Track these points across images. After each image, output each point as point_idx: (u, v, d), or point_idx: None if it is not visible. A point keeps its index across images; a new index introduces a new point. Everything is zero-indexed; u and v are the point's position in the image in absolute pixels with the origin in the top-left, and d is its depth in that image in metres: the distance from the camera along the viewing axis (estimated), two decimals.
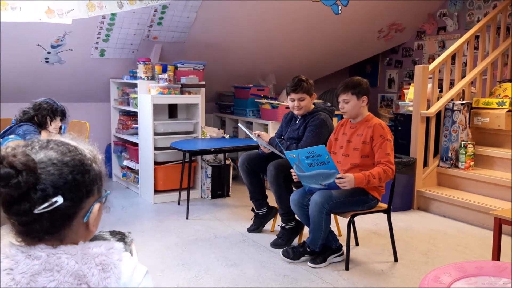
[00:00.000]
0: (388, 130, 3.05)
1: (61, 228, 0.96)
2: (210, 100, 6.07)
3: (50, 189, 0.92)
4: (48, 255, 0.93)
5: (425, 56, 6.28)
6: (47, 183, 0.92)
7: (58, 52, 4.64)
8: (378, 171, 2.90)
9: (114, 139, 5.45)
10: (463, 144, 4.47)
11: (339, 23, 5.51)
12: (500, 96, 4.76)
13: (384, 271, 3.09)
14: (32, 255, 0.92)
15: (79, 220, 0.98)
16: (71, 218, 0.97)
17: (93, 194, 1.00)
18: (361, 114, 3.12)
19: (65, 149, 0.97)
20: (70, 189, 0.94)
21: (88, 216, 0.99)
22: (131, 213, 4.31)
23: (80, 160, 0.97)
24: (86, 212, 0.99)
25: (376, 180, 2.90)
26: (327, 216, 2.97)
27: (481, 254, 3.39)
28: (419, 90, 4.49)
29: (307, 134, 3.43)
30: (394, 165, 2.98)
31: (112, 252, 0.98)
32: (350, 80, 3.16)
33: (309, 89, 3.47)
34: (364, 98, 3.09)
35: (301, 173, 2.99)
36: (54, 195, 0.92)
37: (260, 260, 3.23)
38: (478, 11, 5.64)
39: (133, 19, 4.61)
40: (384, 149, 2.97)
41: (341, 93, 3.11)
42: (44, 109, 3.29)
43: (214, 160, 4.91)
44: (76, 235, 0.99)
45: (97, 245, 0.98)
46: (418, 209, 4.49)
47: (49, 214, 0.92)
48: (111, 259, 0.96)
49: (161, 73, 4.71)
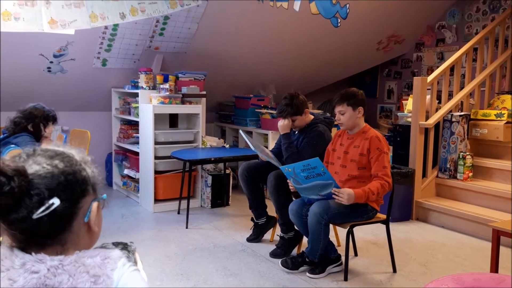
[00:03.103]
0: (385, 142, 3.07)
1: (62, 231, 0.96)
2: (211, 110, 6.11)
3: (45, 192, 0.92)
4: (49, 269, 0.92)
5: (424, 67, 6.33)
6: (41, 187, 0.92)
7: (60, 62, 4.68)
8: (376, 186, 2.92)
9: (115, 148, 5.47)
10: (462, 155, 4.49)
11: (338, 35, 5.57)
12: (498, 107, 4.79)
13: (383, 282, 3.10)
14: (30, 268, 0.92)
15: (79, 221, 0.98)
16: (71, 219, 0.96)
17: (88, 193, 0.99)
18: (358, 125, 3.14)
19: (52, 153, 0.98)
20: (64, 189, 0.94)
21: (88, 216, 0.99)
22: (131, 222, 4.32)
23: (69, 161, 0.98)
24: (86, 212, 0.99)
25: (375, 196, 2.94)
26: (326, 227, 2.98)
27: (479, 265, 3.40)
28: (418, 101, 4.52)
29: (303, 146, 3.44)
30: (391, 178, 3.00)
31: (107, 262, 0.97)
32: (346, 92, 3.17)
33: (297, 110, 3.44)
34: (360, 109, 3.10)
35: (298, 185, 3.01)
36: (49, 198, 0.92)
37: (259, 270, 3.24)
38: (476, 23, 5.69)
39: (135, 30, 4.65)
40: (381, 162, 2.98)
41: (336, 105, 3.13)
42: (36, 117, 3.25)
43: (214, 170, 4.93)
44: (78, 238, 0.99)
45: (92, 254, 0.97)
46: (416, 219, 4.50)
47: (48, 218, 0.92)
48: (104, 270, 0.96)
49: (162, 83, 4.75)
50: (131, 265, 1.02)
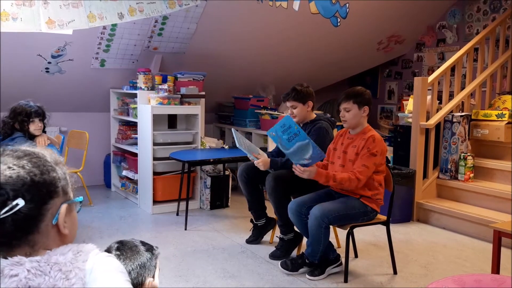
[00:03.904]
0: (381, 144, 2.99)
1: (28, 232, 0.94)
2: (210, 111, 6.09)
3: (9, 193, 0.91)
4: (29, 270, 0.90)
5: (425, 68, 6.30)
6: (6, 187, 0.91)
7: (58, 62, 4.66)
8: (342, 177, 2.92)
9: (113, 149, 5.45)
10: (463, 156, 4.46)
11: (338, 35, 5.54)
12: (499, 108, 4.76)
13: (383, 284, 3.07)
14: (8, 273, 0.90)
15: (47, 223, 0.96)
16: (38, 221, 0.95)
17: (57, 195, 0.98)
18: (361, 124, 3.11)
19: (21, 154, 0.97)
20: (29, 190, 0.92)
21: (56, 218, 0.97)
22: (129, 224, 4.29)
23: (37, 161, 0.96)
24: (54, 214, 0.97)
25: (336, 184, 2.95)
26: (326, 230, 2.96)
27: (480, 267, 3.37)
28: (419, 102, 4.50)
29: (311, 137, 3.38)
30: (365, 178, 2.94)
31: (79, 255, 0.96)
32: (353, 89, 3.15)
33: (302, 97, 3.43)
34: (365, 108, 3.08)
35: (286, 151, 2.96)
36: (14, 198, 0.91)
37: (258, 272, 3.21)
38: (477, 23, 5.67)
39: (134, 30, 4.63)
40: (363, 160, 2.95)
41: (342, 101, 3.10)
42: (18, 114, 3.23)
43: (213, 171, 4.91)
44: (48, 240, 0.97)
45: (64, 251, 0.96)
46: (417, 221, 4.47)
47: (12, 218, 0.91)
48: (75, 264, 0.94)
49: (161, 84, 4.72)
50: (106, 253, 1.01)
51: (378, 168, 3.03)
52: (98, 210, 4.66)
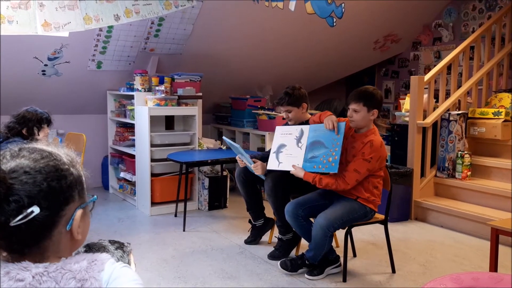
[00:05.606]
0: (378, 150, 2.93)
1: (41, 240, 0.91)
2: (207, 111, 6.08)
3: (24, 200, 0.86)
4: (34, 276, 0.88)
5: (421, 66, 6.31)
6: (21, 193, 0.87)
7: (55, 65, 4.65)
8: (327, 182, 2.94)
9: (111, 151, 5.44)
10: (460, 154, 4.47)
11: (334, 35, 5.55)
12: (496, 106, 4.77)
13: (382, 283, 3.07)
14: (14, 277, 0.87)
15: (60, 229, 0.92)
16: (51, 228, 0.91)
17: (73, 200, 0.94)
18: (367, 126, 3.06)
19: (38, 156, 0.91)
20: (46, 197, 0.88)
21: (71, 224, 0.93)
22: (127, 225, 4.29)
23: (55, 165, 0.92)
24: (69, 219, 0.93)
25: (322, 187, 2.99)
26: (331, 238, 2.99)
27: (478, 265, 3.38)
28: (415, 101, 4.51)
29: None
30: (353, 182, 2.92)
31: (94, 264, 0.93)
32: (365, 91, 3.04)
33: (296, 101, 3.43)
34: (374, 111, 3.00)
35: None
36: (29, 206, 0.86)
37: (257, 273, 3.21)
38: (473, 22, 5.68)
39: (130, 32, 4.63)
40: (356, 164, 2.92)
41: (352, 101, 3.00)
42: (29, 121, 3.21)
43: (211, 172, 4.91)
44: (59, 246, 0.94)
45: (79, 259, 0.92)
46: (415, 219, 4.48)
47: (26, 226, 0.86)
48: (91, 273, 0.91)
49: (158, 85, 4.72)
50: (121, 263, 0.97)
51: (375, 173, 3.00)
52: (96, 212, 4.65)
